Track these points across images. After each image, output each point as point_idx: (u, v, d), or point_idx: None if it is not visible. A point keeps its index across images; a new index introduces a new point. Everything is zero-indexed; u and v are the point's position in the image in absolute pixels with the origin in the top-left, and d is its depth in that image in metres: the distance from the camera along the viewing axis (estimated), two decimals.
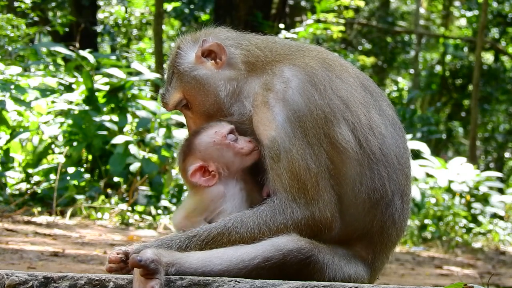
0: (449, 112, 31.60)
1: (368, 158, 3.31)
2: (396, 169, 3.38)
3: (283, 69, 3.41)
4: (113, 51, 23.98)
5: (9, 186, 11.26)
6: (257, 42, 3.57)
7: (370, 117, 3.37)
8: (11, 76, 11.74)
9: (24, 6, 16.36)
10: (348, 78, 3.44)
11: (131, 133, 12.13)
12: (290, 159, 3.25)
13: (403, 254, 10.82)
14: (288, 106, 3.30)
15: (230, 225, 3.27)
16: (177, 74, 3.56)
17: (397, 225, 3.40)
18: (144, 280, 3.03)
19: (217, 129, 3.45)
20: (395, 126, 3.47)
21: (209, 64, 3.51)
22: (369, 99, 3.43)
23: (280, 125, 3.28)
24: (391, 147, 3.39)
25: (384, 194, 3.33)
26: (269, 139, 3.30)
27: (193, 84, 3.52)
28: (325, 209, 3.24)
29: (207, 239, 3.25)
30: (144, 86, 14.95)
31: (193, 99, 3.54)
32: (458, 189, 14.82)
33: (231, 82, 3.49)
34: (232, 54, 3.51)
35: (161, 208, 11.59)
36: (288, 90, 3.33)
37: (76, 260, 6.83)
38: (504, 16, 28.63)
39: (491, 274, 8.86)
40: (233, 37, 3.59)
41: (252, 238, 3.23)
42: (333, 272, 3.26)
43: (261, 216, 3.25)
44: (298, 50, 3.52)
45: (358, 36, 31.25)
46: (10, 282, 3.04)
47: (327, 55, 3.52)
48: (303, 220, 3.23)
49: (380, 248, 3.41)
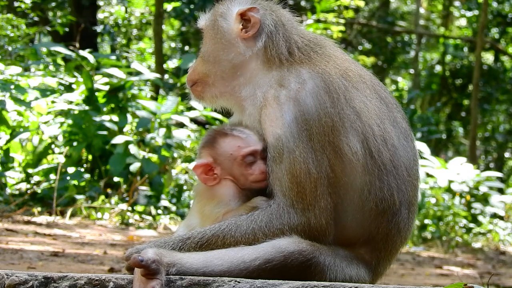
0: (449, 112, 31.60)
1: (379, 169, 3.31)
2: (405, 180, 3.39)
3: (302, 70, 3.37)
4: (113, 51, 23.97)
5: (9, 186, 11.26)
6: (296, 39, 3.48)
7: (384, 128, 3.36)
8: (11, 76, 11.74)
9: (24, 6, 16.35)
10: (364, 89, 3.42)
11: (131, 133, 12.13)
12: (292, 160, 3.24)
13: (403, 254, 10.82)
14: (298, 107, 3.28)
15: (225, 227, 3.25)
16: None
17: (402, 233, 3.42)
18: (144, 280, 3.03)
19: (242, 145, 3.41)
20: (407, 138, 3.47)
21: (237, 26, 3.49)
22: (384, 111, 3.42)
23: (287, 124, 3.27)
24: (402, 159, 3.39)
25: (391, 204, 3.34)
26: (274, 136, 3.28)
27: (214, 29, 3.55)
28: (321, 216, 3.23)
29: (201, 242, 3.24)
30: (144, 86, 14.95)
31: (208, 43, 3.55)
32: (458, 189, 14.82)
33: (240, 57, 3.46)
34: (262, 39, 3.45)
35: (161, 208, 11.59)
36: (301, 91, 3.31)
37: (76, 260, 6.83)
38: (504, 16, 28.62)
39: (491, 274, 8.85)
40: (280, 22, 3.49)
41: (247, 243, 3.22)
42: (334, 273, 3.25)
43: (256, 221, 3.24)
44: (324, 55, 3.47)
45: (358, 36, 31.25)
46: (10, 282, 3.04)
47: (349, 65, 3.47)
48: (299, 226, 3.22)
49: (384, 254, 3.42)
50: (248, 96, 3.45)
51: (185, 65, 13.70)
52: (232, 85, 3.50)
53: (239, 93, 3.48)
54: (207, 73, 3.55)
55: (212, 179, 3.45)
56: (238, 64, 3.47)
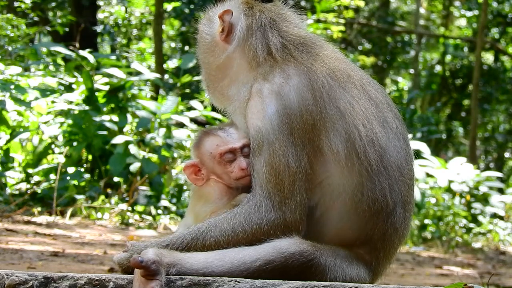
0: (449, 112, 31.60)
1: (367, 170, 3.29)
2: (398, 180, 3.37)
3: (287, 67, 3.39)
4: (113, 51, 23.97)
5: (9, 186, 11.26)
6: (279, 39, 3.49)
7: (371, 129, 3.34)
8: (11, 76, 11.74)
9: (24, 6, 16.36)
10: (352, 89, 3.40)
11: (131, 133, 12.13)
12: (272, 152, 3.25)
13: (403, 254, 10.82)
14: (281, 101, 3.30)
15: (204, 229, 3.26)
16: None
17: (399, 232, 3.41)
18: (144, 281, 3.03)
19: (220, 143, 3.46)
20: (399, 138, 3.44)
21: (218, 29, 3.57)
22: (372, 111, 3.40)
23: (268, 116, 3.28)
24: (393, 159, 3.37)
25: (384, 205, 3.33)
26: (255, 129, 3.30)
27: (201, 32, 3.68)
28: (296, 211, 3.23)
29: (181, 247, 3.23)
30: (144, 86, 14.95)
31: (199, 47, 3.68)
32: (458, 189, 14.81)
33: (221, 58, 3.54)
34: (235, 41, 3.52)
35: (161, 208, 11.59)
36: (285, 86, 3.33)
37: (76, 260, 6.83)
38: (504, 16, 28.63)
39: (491, 274, 8.85)
40: (261, 23, 3.52)
41: (227, 242, 3.22)
42: (335, 274, 3.25)
43: (235, 217, 3.25)
44: (312, 53, 3.47)
45: (358, 36, 31.25)
46: (10, 282, 3.04)
47: (338, 65, 3.46)
48: (276, 220, 3.22)
49: (383, 254, 3.42)
50: (235, 95, 3.50)
51: (185, 65, 13.70)
52: (220, 86, 3.58)
53: (227, 93, 3.55)
54: (202, 76, 3.70)
55: (201, 179, 3.50)
56: (222, 65, 3.55)
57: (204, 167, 3.48)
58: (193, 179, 3.51)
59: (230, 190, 3.46)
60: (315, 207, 3.32)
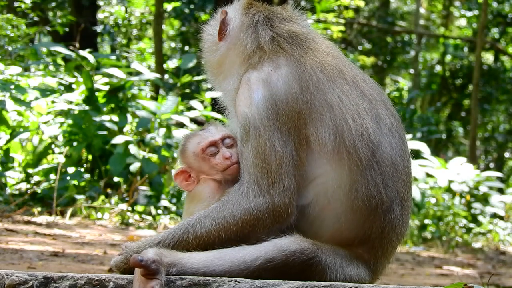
0: (449, 112, 31.60)
1: (356, 164, 3.29)
2: (392, 176, 3.37)
3: (277, 59, 3.44)
4: (113, 51, 23.97)
5: (9, 186, 11.26)
6: (270, 34, 3.55)
7: (361, 123, 3.35)
8: (11, 76, 11.74)
9: (24, 6, 16.36)
10: (342, 84, 3.43)
11: (131, 133, 12.13)
12: (258, 137, 3.28)
13: (403, 254, 10.82)
14: (268, 87, 3.35)
15: (194, 221, 3.29)
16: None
17: (397, 230, 3.41)
18: (144, 280, 3.03)
19: (200, 140, 3.53)
20: (394, 135, 3.44)
21: (217, 29, 3.69)
22: (364, 106, 3.41)
23: (255, 103, 3.33)
24: (386, 154, 3.37)
25: (380, 202, 3.32)
26: (242, 115, 3.35)
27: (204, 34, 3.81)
28: (284, 194, 3.25)
29: (173, 242, 3.25)
30: (144, 86, 14.95)
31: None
32: (458, 189, 14.81)
33: (218, 55, 3.66)
34: (228, 38, 3.64)
35: (161, 208, 11.59)
36: (273, 74, 3.38)
37: (76, 260, 6.83)
38: (504, 16, 28.63)
39: (491, 274, 8.86)
40: (253, 20, 3.61)
41: (218, 230, 3.24)
42: (335, 273, 3.25)
43: (224, 204, 3.28)
44: (303, 47, 3.51)
45: (358, 36, 31.25)
46: (10, 282, 3.04)
47: (330, 59, 3.49)
48: (264, 204, 3.24)
49: (381, 252, 3.42)
50: (228, 87, 3.59)
51: (185, 65, 13.70)
52: (218, 81, 3.70)
53: (224, 88, 3.64)
54: (207, 75, 3.82)
55: (192, 184, 3.55)
56: (218, 62, 3.68)
57: (192, 170, 3.53)
58: (185, 185, 3.56)
59: (222, 187, 3.48)
60: (310, 207, 3.33)
